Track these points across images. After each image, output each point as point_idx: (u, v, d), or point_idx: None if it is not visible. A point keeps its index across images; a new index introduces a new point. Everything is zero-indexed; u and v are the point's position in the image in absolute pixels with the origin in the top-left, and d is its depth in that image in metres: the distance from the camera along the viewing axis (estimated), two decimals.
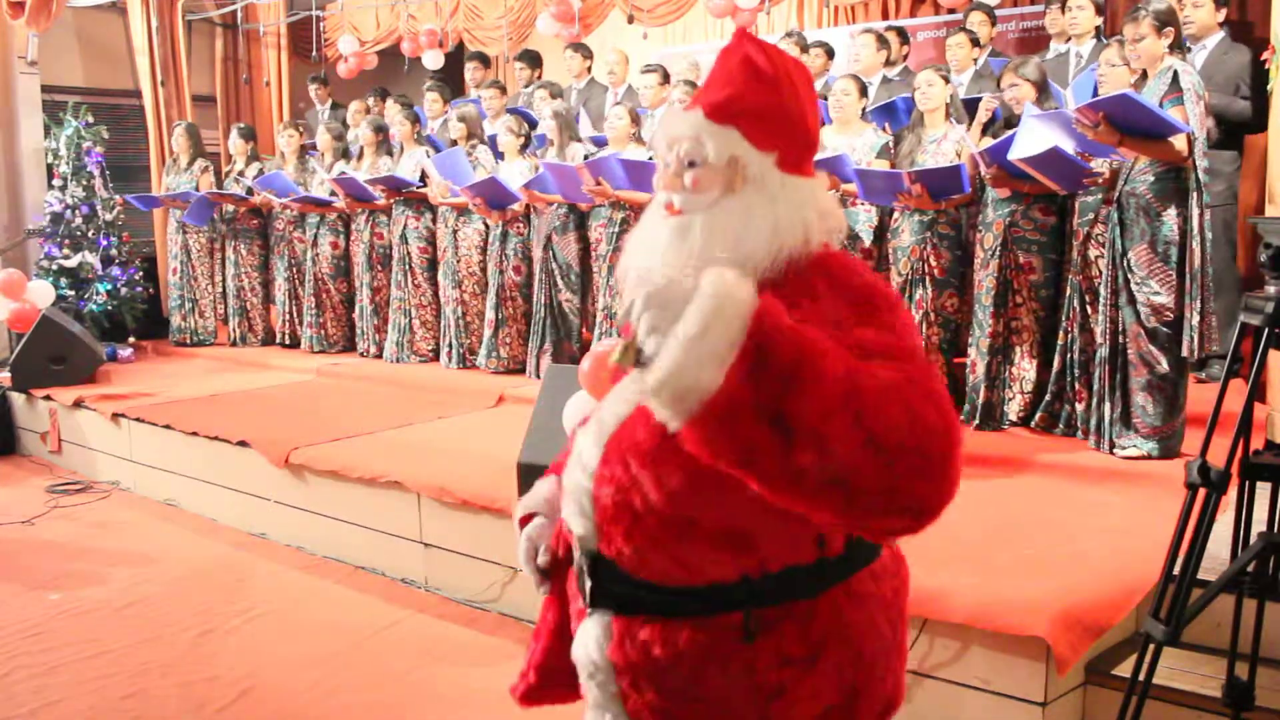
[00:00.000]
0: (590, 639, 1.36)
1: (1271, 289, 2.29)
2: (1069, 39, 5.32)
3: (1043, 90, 4.32)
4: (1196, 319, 3.71)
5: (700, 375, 1.05)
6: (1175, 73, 3.83)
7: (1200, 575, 2.43)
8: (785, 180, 1.32)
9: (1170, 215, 3.84)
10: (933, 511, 1.12)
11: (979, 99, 5.11)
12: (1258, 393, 3.89)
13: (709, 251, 1.25)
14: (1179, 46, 3.95)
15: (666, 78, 5.82)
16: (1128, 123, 3.70)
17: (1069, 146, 3.94)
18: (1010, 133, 4.22)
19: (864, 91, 4.84)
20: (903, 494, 1.08)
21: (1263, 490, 2.17)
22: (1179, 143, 3.78)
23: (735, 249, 1.25)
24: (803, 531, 1.27)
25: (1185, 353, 3.75)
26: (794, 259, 1.27)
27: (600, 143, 5.66)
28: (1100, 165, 4.01)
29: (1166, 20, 3.86)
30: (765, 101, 1.33)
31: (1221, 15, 4.64)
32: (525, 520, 1.56)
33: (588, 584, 1.35)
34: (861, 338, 1.18)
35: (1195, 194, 3.77)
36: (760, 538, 1.26)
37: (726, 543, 1.26)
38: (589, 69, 6.95)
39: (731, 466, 1.10)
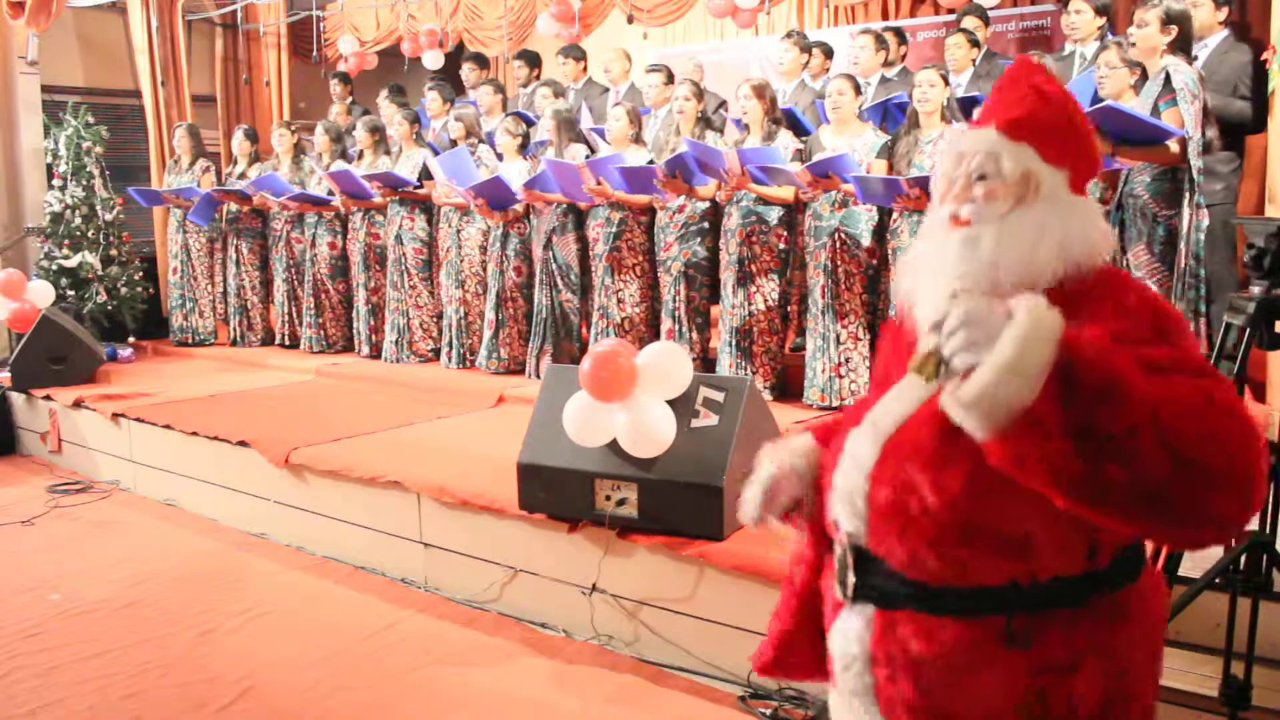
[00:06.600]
0: (850, 630, 1.40)
1: (1255, 289, 2.30)
2: (1077, 40, 5.33)
3: None
4: None
5: (1014, 395, 1.10)
6: (1168, 73, 3.83)
7: (1193, 574, 2.44)
8: (1072, 199, 1.38)
9: (1167, 216, 3.85)
10: (1236, 523, 1.16)
11: (976, 98, 5.12)
12: (1259, 394, 3.91)
13: (1000, 262, 1.31)
14: (1183, 49, 3.95)
15: (671, 78, 5.82)
16: (1118, 132, 3.70)
17: None
18: None
19: (858, 90, 4.85)
20: (1209, 507, 1.13)
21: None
22: (1174, 145, 3.78)
23: (1026, 261, 1.31)
24: (1076, 542, 1.30)
25: None
26: (1079, 275, 1.33)
27: (604, 135, 5.65)
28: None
29: (1175, 18, 3.86)
30: (1059, 121, 1.41)
31: (1223, 14, 4.63)
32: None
33: (851, 578, 1.39)
34: (1156, 355, 1.21)
35: (1189, 194, 3.78)
36: (1035, 546, 1.28)
37: (1002, 549, 1.28)
38: (585, 69, 6.95)
39: (1037, 479, 1.14)
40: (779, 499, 1.56)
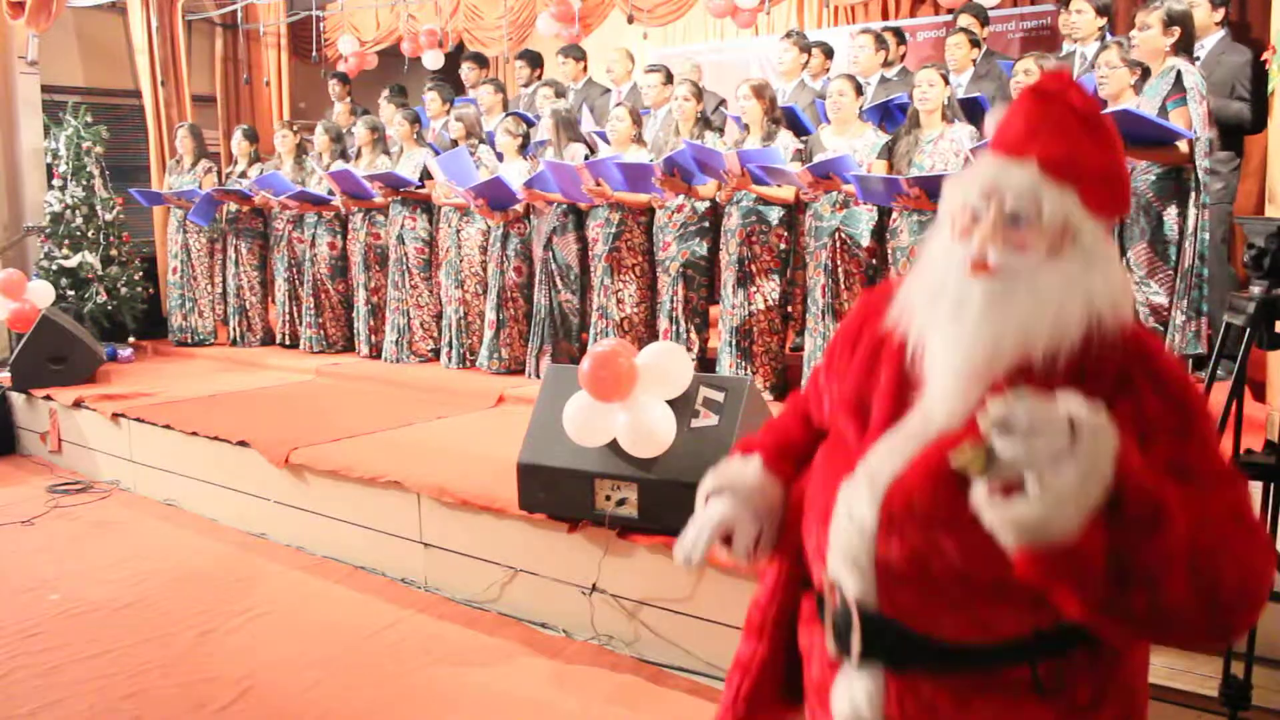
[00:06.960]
0: (859, 694, 1.31)
1: (1255, 289, 2.30)
2: (1077, 40, 5.32)
3: None
4: (1181, 318, 3.72)
5: (1067, 524, 1.05)
6: (1179, 73, 3.83)
7: None
8: (1106, 252, 1.25)
9: (1171, 215, 3.85)
10: (1239, 637, 1.23)
11: (977, 99, 5.12)
12: (1259, 394, 3.91)
13: (1031, 323, 1.20)
14: (1185, 50, 3.95)
15: (670, 78, 5.82)
16: (1129, 133, 3.71)
17: None
18: None
19: (859, 90, 4.85)
20: (1219, 628, 1.14)
21: (1253, 490, 2.19)
22: (1182, 145, 3.79)
23: (1055, 323, 1.20)
24: None
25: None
26: (1104, 336, 1.22)
27: (604, 137, 5.66)
28: None
29: (1177, 20, 3.87)
30: (1104, 163, 1.27)
31: (1219, 15, 4.63)
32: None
33: (857, 644, 1.30)
34: (1185, 456, 1.18)
35: (1194, 194, 3.79)
36: None
37: (1026, 600, 1.21)
38: (585, 69, 6.96)
39: (1058, 591, 1.11)
40: (737, 544, 1.46)
